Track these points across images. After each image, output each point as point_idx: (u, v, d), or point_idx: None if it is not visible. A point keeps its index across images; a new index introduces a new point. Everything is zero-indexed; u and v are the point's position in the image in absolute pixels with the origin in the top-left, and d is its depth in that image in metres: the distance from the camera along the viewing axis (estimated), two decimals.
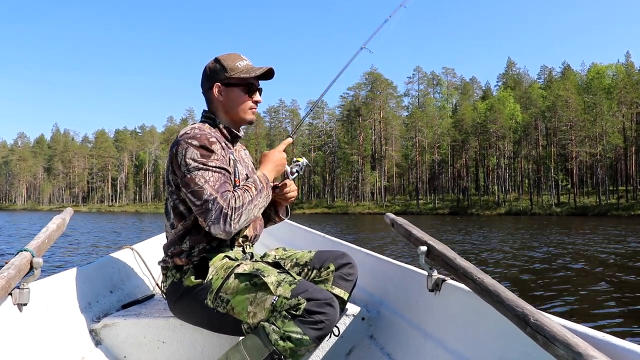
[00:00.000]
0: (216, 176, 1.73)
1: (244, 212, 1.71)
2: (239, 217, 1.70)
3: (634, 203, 60.44)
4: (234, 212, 1.68)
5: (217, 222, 1.67)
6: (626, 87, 66.70)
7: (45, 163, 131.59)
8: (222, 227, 1.67)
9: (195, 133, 1.78)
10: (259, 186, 1.80)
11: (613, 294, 7.27)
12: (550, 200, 68.38)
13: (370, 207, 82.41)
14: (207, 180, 1.71)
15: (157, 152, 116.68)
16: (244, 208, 1.71)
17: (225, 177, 1.76)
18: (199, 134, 1.78)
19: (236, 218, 1.69)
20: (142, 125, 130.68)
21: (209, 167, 1.73)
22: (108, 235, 21.13)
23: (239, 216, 1.70)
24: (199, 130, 1.81)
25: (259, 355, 1.62)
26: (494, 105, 75.55)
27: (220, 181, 1.73)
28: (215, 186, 1.71)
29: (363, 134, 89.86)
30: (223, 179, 1.74)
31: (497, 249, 14.62)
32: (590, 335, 1.16)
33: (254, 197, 1.75)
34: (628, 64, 79.50)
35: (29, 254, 1.59)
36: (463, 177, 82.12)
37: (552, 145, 71.60)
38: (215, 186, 1.71)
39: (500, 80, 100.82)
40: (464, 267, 1.57)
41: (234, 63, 1.91)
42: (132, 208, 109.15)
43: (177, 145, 1.78)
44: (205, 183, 1.70)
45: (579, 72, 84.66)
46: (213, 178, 1.72)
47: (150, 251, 2.89)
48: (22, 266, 1.53)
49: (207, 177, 1.72)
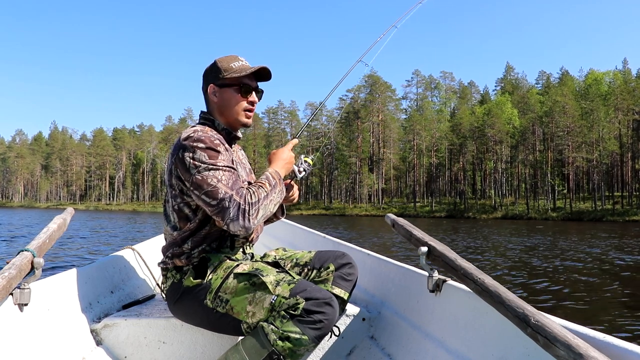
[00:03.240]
0: (227, 175, 1.73)
1: (261, 207, 1.72)
2: (257, 212, 1.71)
3: (629, 209, 60.59)
4: (251, 207, 1.69)
5: (236, 218, 1.67)
6: (623, 94, 66.92)
7: (43, 160, 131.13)
8: (241, 223, 1.68)
9: (199, 136, 1.78)
10: (272, 182, 1.81)
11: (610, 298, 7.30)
12: (546, 205, 68.50)
13: (367, 209, 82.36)
14: (219, 180, 1.71)
15: (155, 151, 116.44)
16: (260, 203, 1.72)
17: (235, 175, 1.77)
18: (203, 136, 1.78)
19: (254, 213, 1.70)
20: (141, 124, 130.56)
21: (219, 167, 1.73)
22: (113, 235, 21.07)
23: (257, 211, 1.71)
24: (202, 132, 1.80)
25: (258, 355, 1.62)
26: (491, 110, 75.68)
27: (233, 179, 1.74)
28: (229, 184, 1.71)
29: (361, 136, 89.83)
30: (234, 177, 1.75)
31: (494, 250, 14.64)
32: (591, 336, 1.16)
33: (268, 192, 1.77)
34: (625, 70, 79.76)
35: (29, 254, 1.59)
36: (460, 180, 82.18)
37: (549, 151, 71.77)
38: (229, 184, 1.71)
39: (498, 84, 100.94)
40: (464, 268, 1.57)
41: (228, 64, 1.91)
42: (129, 207, 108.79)
43: (183, 149, 1.77)
44: (219, 182, 1.71)
45: (576, 78, 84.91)
46: (225, 177, 1.72)
47: (150, 251, 2.90)
48: (23, 266, 1.53)
49: (219, 176, 1.72)
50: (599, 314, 6.28)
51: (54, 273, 1.93)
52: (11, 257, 1.58)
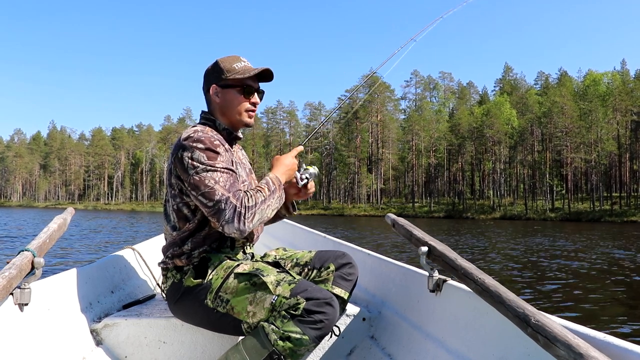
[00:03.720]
0: (225, 177, 1.73)
1: (257, 211, 1.72)
2: (253, 216, 1.70)
3: (627, 209, 60.72)
4: (247, 210, 1.69)
5: (231, 221, 1.67)
6: (621, 95, 67.09)
7: (42, 160, 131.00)
8: (236, 226, 1.67)
9: (199, 136, 1.78)
10: (271, 187, 1.80)
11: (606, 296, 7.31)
12: (544, 206, 68.63)
13: (366, 210, 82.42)
14: (217, 181, 1.71)
15: (154, 150, 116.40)
16: (257, 207, 1.72)
17: (234, 177, 1.76)
18: (203, 136, 1.78)
19: (250, 217, 1.69)
20: (140, 124, 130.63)
21: (217, 169, 1.73)
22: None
23: (253, 215, 1.70)
24: (202, 132, 1.80)
25: (259, 355, 1.62)
26: (490, 110, 75.77)
27: (230, 181, 1.74)
28: (226, 186, 1.71)
29: (360, 137, 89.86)
30: (232, 180, 1.75)
31: (493, 250, 14.65)
32: (591, 336, 1.16)
33: (266, 197, 1.76)
34: (623, 71, 79.91)
35: (30, 253, 1.59)
36: (459, 181, 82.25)
37: (547, 151, 71.92)
38: (226, 186, 1.71)
39: (497, 85, 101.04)
40: (465, 268, 1.57)
41: (231, 65, 1.91)
42: (128, 206, 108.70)
43: (182, 149, 1.77)
44: (216, 184, 1.70)
45: (575, 79, 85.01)
46: (223, 179, 1.72)
47: (151, 251, 2.89)
48: (24, 266, 1.53)
49: (217, 178, 1.72)
50: (599, 313, 6.29)
51: (55, 273, 1.94)
52: (10, 258, 1.58)
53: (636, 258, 13.62)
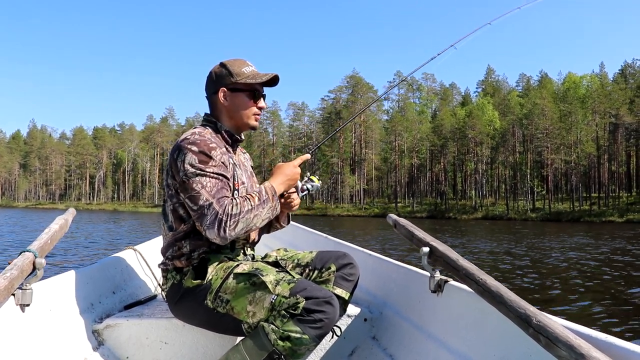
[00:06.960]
0: (213, 182, 1.74)
1: (241, 220, 1.70)
2: (235, 224, 1.69)
3: (606, 210, 61.78)
4: (229, 218, 1.68)
5: (211, 227, 1.67)
6: (600, 97, 68.20)
7: (22, 159, 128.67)
8: (216, 232, 1.67)
9: (195, 139, 1.79)
10: (263, 197, 1.78)
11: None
12: (525, 206, 69.42)
13: (349, 210, 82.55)
14: (204, 186, 1.72)
15: (137, 150, 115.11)
16: (241, 216, 1.70)
17: (223, 183, 1.76)
18: (199, 139, 1.79)
19: (232, 225, 1.68)
20: (122, 123, 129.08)
21: (207, 173, 1.74)
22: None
23: (235, 223, 1.69)
24: (199, 135, 1.81)
25: (259, 355, 1.63)
26: (472, 112, 76.40)
27: (217, 187, 1.74)
28: (212, 192, 1.71)
29: (343, 137, 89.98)
30: (220, 185, 1.75)
31: (478, 251, 14.80)
32: (592, 336, 1.16)
33: (254, 206, 1.74)
34: (602, 74, 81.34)
35: (31, 254, 1.59)
36: (441, 181, 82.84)
37: (528, 152, 72.79)
38: (212, 192, 1.71)
39: (479, 87, 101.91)
40: (466, 268, 1.58)
41: (240, 69, 1.92)
42: (110, 206, 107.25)
43: (178, 150, 1.78)
44: (202, 189, 1.71)
45: (555, 81, 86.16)
46: (210, 184, 1.73)
47: (152, 252, 2.88)
48: (25, 267, 1.53)
49: (204, 182, 1.72)
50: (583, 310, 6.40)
51: (56, 273, 1.93)
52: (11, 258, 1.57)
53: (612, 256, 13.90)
